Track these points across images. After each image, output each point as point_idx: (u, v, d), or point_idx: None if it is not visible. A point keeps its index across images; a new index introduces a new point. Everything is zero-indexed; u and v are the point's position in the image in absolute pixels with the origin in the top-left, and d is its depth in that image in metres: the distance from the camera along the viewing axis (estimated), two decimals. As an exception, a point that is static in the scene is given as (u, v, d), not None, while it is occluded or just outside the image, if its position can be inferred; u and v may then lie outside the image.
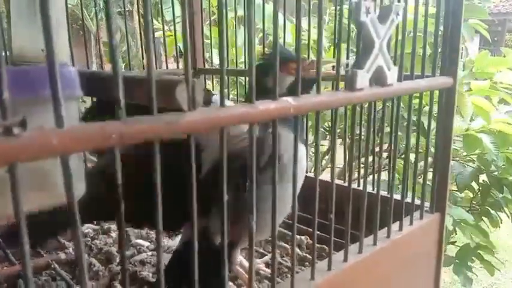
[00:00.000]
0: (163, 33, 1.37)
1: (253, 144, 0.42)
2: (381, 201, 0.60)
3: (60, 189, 0.40)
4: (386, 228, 0.64)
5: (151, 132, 0.33)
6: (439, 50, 0.67)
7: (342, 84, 0.51)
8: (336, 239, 0.58)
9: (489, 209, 1.78)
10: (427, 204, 0.72)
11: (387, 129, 0.63)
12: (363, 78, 0.50)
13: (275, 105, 0.42)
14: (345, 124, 0.88)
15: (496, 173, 1.64)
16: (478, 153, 1.68)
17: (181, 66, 1.49)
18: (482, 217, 1.81)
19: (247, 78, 1.18)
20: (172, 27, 1.45)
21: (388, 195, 0.66)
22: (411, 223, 0.68)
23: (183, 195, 0.38)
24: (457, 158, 1.74)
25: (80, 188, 0.35)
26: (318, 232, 0.76)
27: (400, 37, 0.60)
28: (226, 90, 1.83)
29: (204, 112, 0.37)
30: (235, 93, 1.27)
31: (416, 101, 1.12)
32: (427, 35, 0.66)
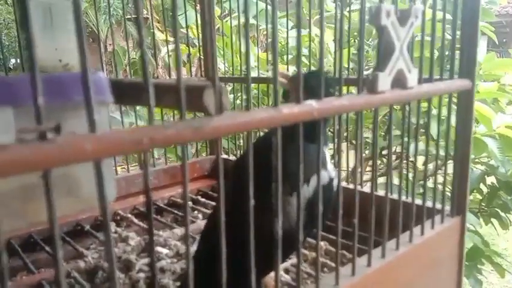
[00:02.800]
0: (167, 43, 1.39)
1: (277, 146, 0.42)
2: (402, 206, 0.60)
3: (87, 195, 0.41)
4: (407, 232, 0.63)
5: (180, 136, 0.33)
6: (457, 52, 0.67)
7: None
8: (347, 242, 0.58)
9: (498, 210, 1.77)
10: (447, 208, 0.72)
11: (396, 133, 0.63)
12: (384, 81, 0.50)
13: (299, 109, 0.42)
14: (358, 128, 0.87)
15: (503, 176, 1.63)
16: (485, 156, 1.67)
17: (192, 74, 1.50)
18: (492, 219, 1.80)
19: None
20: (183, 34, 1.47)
21: (408, 201, 0.66)
22: (432, 227, 0.67)
23: None
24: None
25: (110, 193, 0.36)
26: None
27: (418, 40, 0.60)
28: (232, 96, 1.84)
29: (230, 116, 0.37)
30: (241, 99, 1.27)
31: (424, 105, 1.12)
32: (444, 37, 0.65)
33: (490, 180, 1.74)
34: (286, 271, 0.74)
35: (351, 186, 0.88)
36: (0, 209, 0.28)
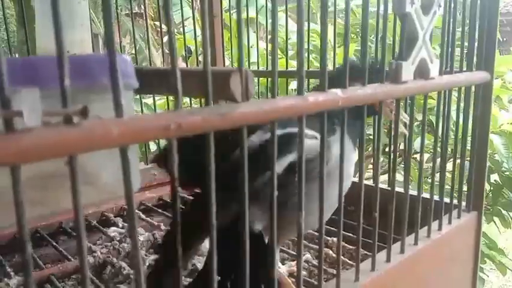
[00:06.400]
0: (174, 34, 1.37)
1: (302, 137, 0.40)
2: (418, 201, 0.59)
3: (110, 184, 0.39)
4: (425, 228, 0.62)
5: (207, 122, 0.32)
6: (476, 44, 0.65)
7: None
8: (366, 240, 0.57)
9: (501, 209, 1.76)
10: (463, 204, 0.71)
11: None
12: (407, 70, 0.49)
13: (324, 97, 0.40)
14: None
15: (507, 173, 1.62)
16: (490, 153, 1.66)
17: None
18: (494, 217, 1.79)
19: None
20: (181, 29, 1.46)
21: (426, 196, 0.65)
22: (450, 222, 0.66)
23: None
24: (468, 158, 1.72)
25: (135, 182, 0.34)
26: (351, 234, 0.75)
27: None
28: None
29: (257, 103, 0.35)
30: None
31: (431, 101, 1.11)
32: (464, 29, 0.64)
33: (493, 178, 1.73)
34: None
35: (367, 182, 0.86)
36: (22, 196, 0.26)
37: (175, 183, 0.33)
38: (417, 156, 1.50)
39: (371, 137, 1.82)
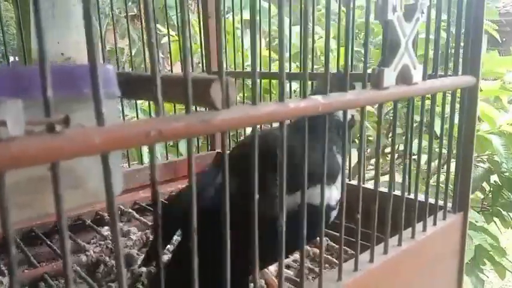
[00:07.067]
0: (169, 38, 1.39)
1: (283, 142, 0.41)
2: (403, 202, 0.60)
3: (94, 188, 0.41)
4: (410, 229, 0.63)
5: (188, 129, 0.33)
6: (461, 48, 0.66)
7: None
8: (348, 238, 0.58)
9: (500, 209, 1.77)
10: (449, 205, 0.72)
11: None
12: (389, 76, 0.50)
13: (305, 104, 0.42)
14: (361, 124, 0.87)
15: (507, 174, 1.63)
16: (489, 154, 1.67)
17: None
18: (494, 218, 1.80)
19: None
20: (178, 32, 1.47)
21: (411, 197, 0.66)
22: (435, 223, 0.67)
23: None
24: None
25: (118, 186, 0.36)
26: (338, 234, 0.76)
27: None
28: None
29: (237, 110, 0.37)
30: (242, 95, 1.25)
31: (427, 102, 1.12)
32: (449, 34, 0.65)
33: (493, 179, 1.74)
34: (287, 267, 0.74)
35: (353, 182, 0.88)
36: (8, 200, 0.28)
37: (156, 187, 0.34)
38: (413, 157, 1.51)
39: (370, 138, 1.83)
